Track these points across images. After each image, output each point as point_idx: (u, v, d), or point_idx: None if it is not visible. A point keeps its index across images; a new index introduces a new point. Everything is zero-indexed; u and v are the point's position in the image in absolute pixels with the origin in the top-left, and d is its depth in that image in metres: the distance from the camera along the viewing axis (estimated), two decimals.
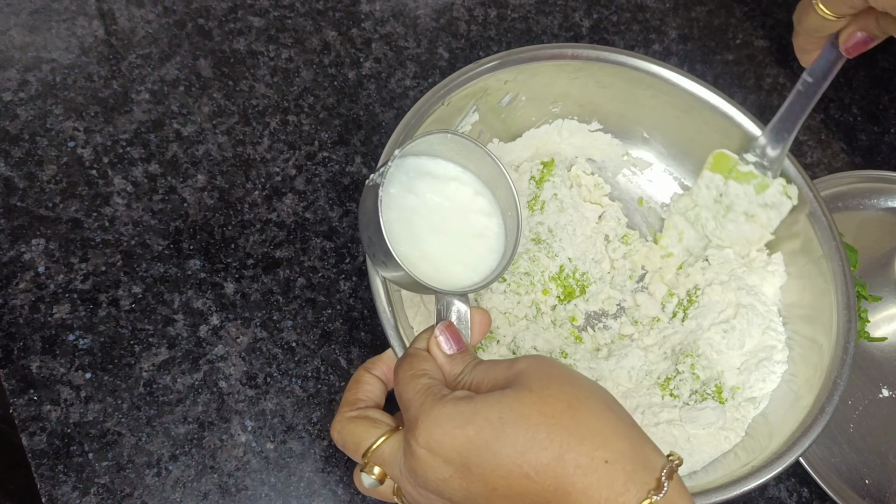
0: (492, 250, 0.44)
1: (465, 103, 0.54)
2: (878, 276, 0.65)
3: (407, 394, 0.35)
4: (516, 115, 0.58)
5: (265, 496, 0.49)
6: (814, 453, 0.57)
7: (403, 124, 0.49)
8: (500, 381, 0.35)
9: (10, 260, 0.53)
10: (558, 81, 0.57)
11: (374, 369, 0.42)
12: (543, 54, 0.55)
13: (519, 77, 0.55)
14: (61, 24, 0.62)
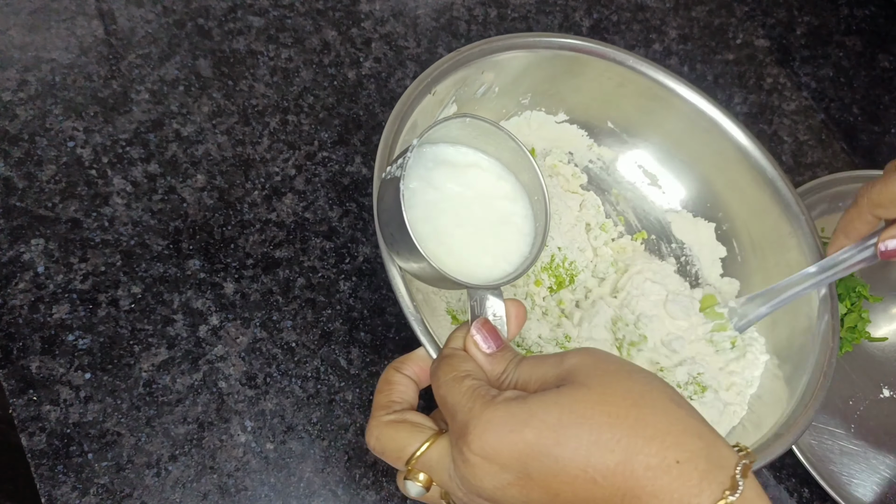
0: (522, 234, 0.42)
1: (448, 94, 0.53)
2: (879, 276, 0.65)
3: (452, 398, 0.33)
4: (489, 106, 0.58)
5: (265, 496, 0.49)
6: (815, 453, 0.57)
7: (395, 113, 0.48)
8: (550, 380, 0.32)
9: (9, 260, 0.53)
10: (529, 71, 0.57)
11: (404, 369, 0.39)
12: (520, 43, 0.54)
13: (496, 66, 0.55)
14: (61, 24, 0.62)
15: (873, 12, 0.83)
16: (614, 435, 0.29)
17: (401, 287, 0.42)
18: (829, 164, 0.72)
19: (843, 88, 0.76)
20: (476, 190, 0.42)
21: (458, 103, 0.55)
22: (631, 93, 0.59)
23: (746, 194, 0.58)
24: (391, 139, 0.47)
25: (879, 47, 0.81)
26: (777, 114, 0.73)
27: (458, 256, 0.40)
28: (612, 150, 0.63)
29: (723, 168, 0.59)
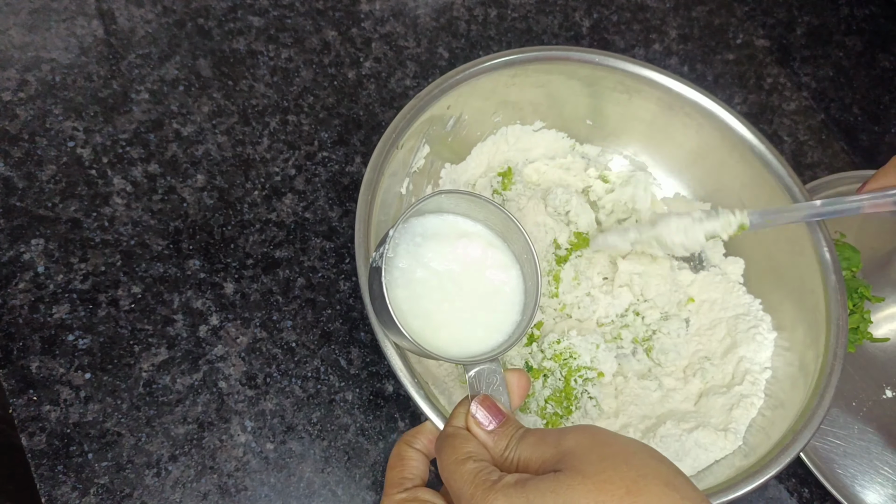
0: (513, 303, 0.42)
1: (417, 140, 0.54)
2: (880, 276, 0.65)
3: (455, 483, 0.34)
4: (462, 134, 0.59)
5: (265, 496, 0.49)
6: (817, 454, 0.57)
7: (367, 181, 0.48)
8: (548, 461, 0.33)
9: (9, 260, 0.52)
10: (497, 91, 0.57)
11: (415, 443, 0.40)
12: (481, 69, 0.55)
13: (460, 98, 0.55)
14: (61, 24, 0.62)
15: (873, 12, 0.83)
16: None
17: (398, 363, 0.43)
18: (829, 164, 0.72)
19: (843, 88, 0.76)
20: (465, 263, 0.43)
21: (430, 143, 0.55)
22: (603, 89, 0.59)
23: (737, 170, 0.58)
24: (367, 211, 0.47)
25: (879, 47, 0.81)
26: (777, 114, 0.73)
27: (449, 332, 0.41)
28: (595, 146, 0.63)
29: (709, 147, 0.59)
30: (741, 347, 0.55)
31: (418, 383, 0.42)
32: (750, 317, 0.57)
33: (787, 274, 0.56)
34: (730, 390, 0.54)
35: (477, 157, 0.60)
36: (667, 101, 0.59)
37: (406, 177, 0.55)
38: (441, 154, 0.58)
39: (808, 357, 0.51)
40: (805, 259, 0.54)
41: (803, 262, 0.54)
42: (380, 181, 0.49)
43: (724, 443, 0.51)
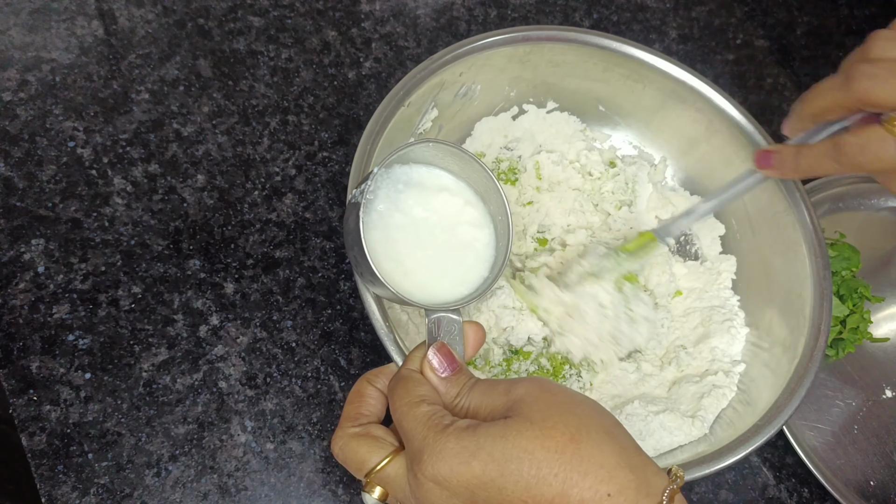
0: (480, 261, 0.44)
1: (424, 101, 0.54)
2: (880, 276, 0.65)
3: (407, 423, 0.35)
4: (473, 105, 0.58)
5: (265, 496, 0.49)
6: (817, 454, 0.57)
7: (368, 132, 0.49)
8: (498, 408, 0.35)
9: (9, 260, 0.53)
10: (511, 66, 0.57)
11: (376, 381, 0.41)
12: (495, 41, 0.54)
13: (473, 67, 0.55)
14: (61, 24, 0.62)
15: (873, 12, 0.83)
16: (552, 469, 0.32)
17: (372, 305, 0.44)
18: None
19: None
20: (442, 215, 0.44)
21: (439, 107, 0.55)
22: (617, 76, 0.59)
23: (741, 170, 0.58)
24: (363, 161, 0.48)
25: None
26: (777, 114, 0.73)
27: (416, 278, 0.42)
28: (604, 132, 0.63)
29: (716, 144, 0.59)
30: (714, 338, 0.56)
31: (390, 328, 0.44)
32: (725, 310, 0.57)
33: (777, 276, 0.56)
34: (703, 379, 0.54)
35: (482, 132, 0.60)
36: (678, 93, 0.58)
37: (412, 136, 0.55)
38: (451, 119, 0.58)
39: (785, 359, 0.51)
40: (797, 264, 0.54)
41: (796, 267, 0.54)
42: (381, 133, 0.49)
43: (689, 429, 0.51)
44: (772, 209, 0.56)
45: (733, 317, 0.57)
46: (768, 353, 0.54)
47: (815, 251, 0.53)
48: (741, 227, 0.60)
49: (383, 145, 0.49)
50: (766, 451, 0.58)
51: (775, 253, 0.56)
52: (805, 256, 0.53)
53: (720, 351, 0.55)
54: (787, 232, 0.55)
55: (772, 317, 0.55)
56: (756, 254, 0.58)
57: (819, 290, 0.51)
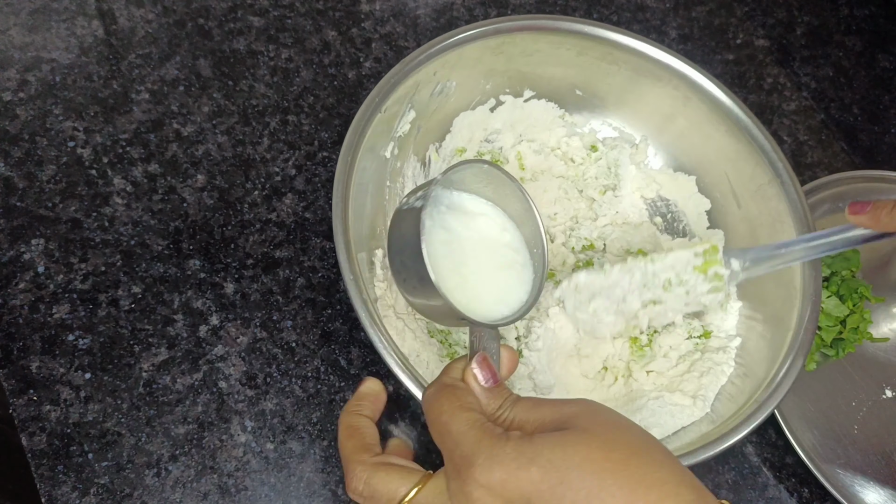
0: (521, 282, 0.44)
1: (401, 105, 0.54)
2: (880, 276, 0.65)
3: (457, 427, 0.33)
4: (449, 101, 0.58)
5: (265, 496, 0.49)
6: (817, 454, 0.57)
7: (347, 143, 0.49)
8: (548, 423, 0.34)
9: (9, 260, 0.53)
10: (484, 59, 0.57)
11: (362, 410, 0.40)
12: (466, 37, 0.54)
13: (446, 65, 0.55)
14: (61, 24, 0.62)
15: (873, 12, 0.83)
16: (616, 480, 0.30)
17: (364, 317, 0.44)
18: (829, 165, 0.72)
19: (843, 88, 0.76)
20: (483, 235, 0.44)
21: (416, 108, 0.55)
22: (592, 59, 0.59)
23: (721, 144, 0.59)
24: (346, 171, 0.48)
25: (879, 47, 0.81)
26: (777, 114, 0.73)
27: (461, 293, 0.41)
28: (583, 116, 0.63)
29: (695, 120, 0.59)
30: (707, 315, 0.56)
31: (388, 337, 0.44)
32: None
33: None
34: (702, 356, 0.54)
35: (460, 128, 0.60)
36: (652, 70, 0.58)
37: (391, 141, 0.55)
38: (428, 119, 0.58)
39: (780, 331, 0.51)
40: (784, 235, 0.54)
41: (783, 237, 0.54)
42: (360, 143, 0.49)
43: (692, 409, 0.51)
44: (755, 181, 0.56)
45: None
46: (762, 325, 0.54)
47: (800, 220, 0.53)
48: (726, 201, 0.60)
49: (364, 152, 0.49)
50: (766, 451, 0.58)
51: (762, 224, 0.56)
52: (791, 226, 0.53)
53: (715, 326, 0.55)
54: (772, 203, 0.55)
55: (763, 287, 0.55)
56: (743, 226, 0.58)
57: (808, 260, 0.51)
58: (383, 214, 0.56)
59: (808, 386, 0.60)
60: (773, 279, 0.54)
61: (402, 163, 0.57)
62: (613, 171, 0.62)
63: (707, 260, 0.51)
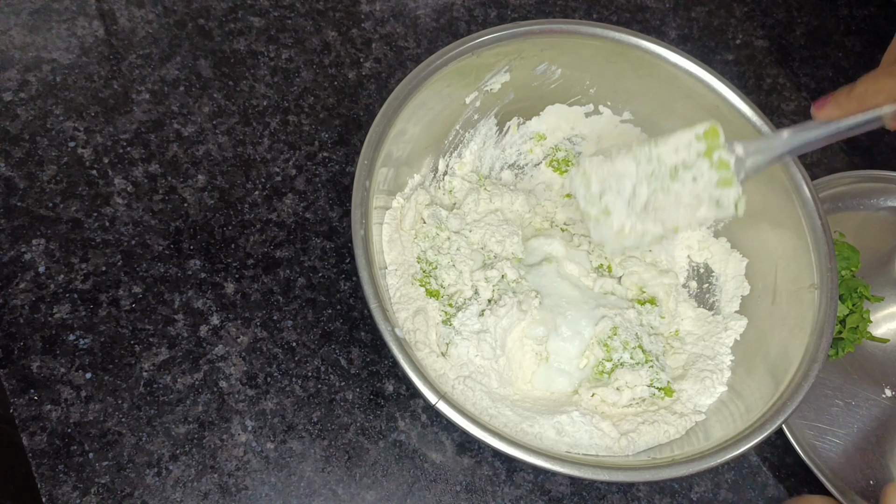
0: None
1: (497, 61, 0.54)
2: (880, 275, 0.65)
3: None
4: (549, 87, 0.59)
5: (265, 496, 0.49)
6: (817, 454, 0.57)
7: (422, 66, 0.50)
8: None
9: (10, 260, 0.53)
10: (596, 61, 0.57)
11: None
12: (585, 31, 0.55)
13: (557, 47, 0.55)
14: (61, 25, 0.62)
15: (873, 12, 0.83)
16: None
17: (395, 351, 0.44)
18: (829, 165, 0.72)
19: None
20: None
21: (513, 74, 0.56)
22: (695, 106, 0.57)
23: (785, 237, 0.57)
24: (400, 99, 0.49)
25: (879, 47, 0.81)
26: (777, 114, 0.73)
27: None
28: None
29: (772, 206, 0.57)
30: (686, 382, 0.54)
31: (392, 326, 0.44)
32: (713, 363, 0.56)
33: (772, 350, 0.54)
34: (657, 410, 0.53)
35: (550, 117, 0.61)
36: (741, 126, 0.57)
37: (477, 91, 0.56)
38: (524, 91, 0.58)
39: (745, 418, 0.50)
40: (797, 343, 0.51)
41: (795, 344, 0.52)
42: (441, 67, 0.51)
43: (613, 444, 0.50)
44: (798, 283, 0.54)
45: (718, 372, 0.54)
46: (733, 409, 0.52)
47: (818, 332, 0.50)
48: (764, 293, 0.57)
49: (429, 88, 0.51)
50: (766, 451, 0.58)
51: (784, 326, 0.53)
52: (806, 335, 0.51)
53: (686, 395, 0.53)
54: (803, 309, 0.52)
55: (755, 383, 0.53)
56: (768, 322, 0.56)
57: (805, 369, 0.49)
58: (438, 150, 0.58)
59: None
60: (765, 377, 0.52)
61: (481, 118, 0.59)
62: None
63: (709, 144, 0.48)
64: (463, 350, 0.51)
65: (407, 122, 0.52)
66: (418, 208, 0.56)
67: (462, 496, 0.51)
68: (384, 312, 0.44)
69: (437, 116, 0.56)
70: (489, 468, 0.53)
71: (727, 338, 0.56)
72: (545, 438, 0.49)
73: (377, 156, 0.48)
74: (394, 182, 0.54)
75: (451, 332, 0.52)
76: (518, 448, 0.42)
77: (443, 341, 0.52)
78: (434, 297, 0.53)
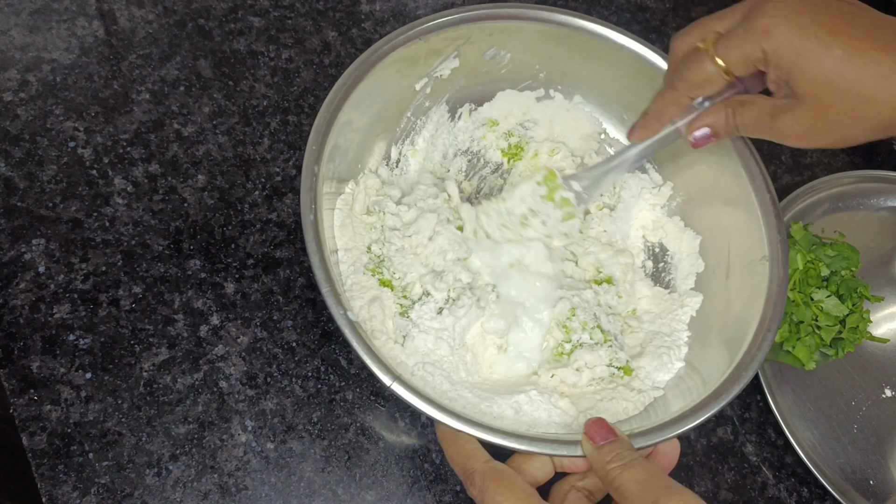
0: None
1: (445, 46, 0.54)
2: (879, 275, 0.65)
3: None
4: (500, 72, 0.59)
5: (265, 496, 0.49)
6: (817, 453, 0.57)
7: (369, 52, 0.50)
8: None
9: (10, 260, 0.53)
10: (544, 44, 0.57)
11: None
12: (529, 14, 0.55)
13: (505, 32, 0.55)
14: (62, 25, 0.62)
15: None
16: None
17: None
18: (829, 165, 0.72)
19: None
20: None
21: (462, 59, 0.56)
22: (644, 85, 0.57)
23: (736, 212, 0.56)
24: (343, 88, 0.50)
25: None
26: None
27: None
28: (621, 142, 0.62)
29: (722, 185, 0.57)
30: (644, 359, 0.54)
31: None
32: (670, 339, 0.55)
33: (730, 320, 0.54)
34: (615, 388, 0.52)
35: (502, 103, 0.61)
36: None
37: (427, 77, 0.56)
38: (473, 77, 0.58)
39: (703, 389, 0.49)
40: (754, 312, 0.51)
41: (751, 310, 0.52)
42: (385, 55, 0.51)
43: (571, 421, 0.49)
44: (749, 256, 0.54)
45: (675, 348, 0.54)
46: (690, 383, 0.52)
47: (773, 300, 0.50)
48: (717, 269, 0.57)
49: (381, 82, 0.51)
50: (766, 451, 0.58)
51: (738, 298, 0.54)
52: (760, 305, 0.50)
53: (644, 372, 0.53)
54: (755, 280, 0.52)
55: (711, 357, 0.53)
56: (722, 297, 0.56)
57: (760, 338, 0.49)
58: (390, 138, 0.58)
59: (807, 385, 0.60)
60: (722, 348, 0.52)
61: (432, 105, 0.59)
62: (617, 193, 0.61)
63: (550, 187, 0.54)
64: (420, 343, 0.50)
65: (355, 110, 0.52)
66: (368, 192, 0.55)
67: (462, 496, 0.52)
68: (337, 297, 0.43)
69: (388, 103, 0.55)
70: None
71: (683, 314, 0.57)
72: (504, 419, 0.48)
73: (326, 141, 0.49)
74: (346, 170, 0.54)
75: (409, 324, 0.51)
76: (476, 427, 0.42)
77: (400, 333, 0.51)
78: (388, 286, 0.52)
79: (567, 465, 0.43)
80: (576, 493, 0.41)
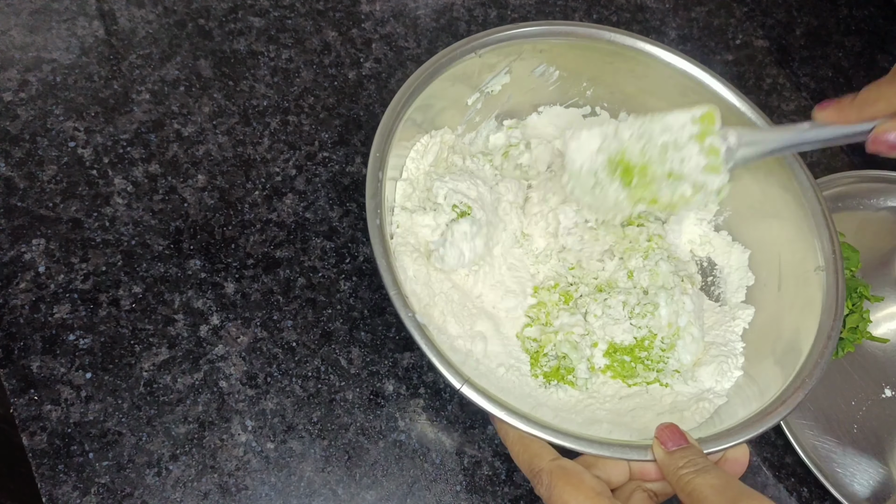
0: None
1: (498, 61, 0.55)
2: (879, 275, 0.65)
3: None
4: (547, 89, 0.59)
5: (265, 496, 0.49)
6: (817, 453, 0.57)
7: (425, 66, 0.51)
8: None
9: (10, 260, 0.53)
10: (592, 62, 0.57)
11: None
12: (579, 32, 0.55)
13: (554, 49, 0.55)
14: (62, 25, 0.62)
15: (873, 12, 0.83)
16: None
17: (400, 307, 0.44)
18: (829, 165, 0.72)
19: (843, 88, 0.77)
20: None
21: (513, 75, 0.57)
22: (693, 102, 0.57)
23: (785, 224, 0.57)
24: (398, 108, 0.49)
25: (879, 47, 0.81)
26: (776, 114, 0.74)
27: None
28: None
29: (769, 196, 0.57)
30: (703, 368, 0.54)
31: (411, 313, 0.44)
32: (726, 349, 0.55)
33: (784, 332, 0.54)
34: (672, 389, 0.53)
35: (549, 118, 0.61)
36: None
37: (478, 91, 0.56)
38: (521, 93, 0.59)
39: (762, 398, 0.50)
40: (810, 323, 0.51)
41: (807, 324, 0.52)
42: (442, 70, 0.51)
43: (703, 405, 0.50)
44: (803, 266, 0.54)
45: (733, 357, 0.55)
46: (748, 392, 0.52)
47: (829, 310, 0.50)
48: (769, 281, 0.57)
49: (436, 95, 0.51)
50: (766, 451, 0.58)
51: (792, 307, 0.54)
52: (817, 316, 0.50)
53: (705, 381, 0.53)
54: (810, 290, 0.52)
55: (767, 366, 0.53)
56: (774, 307, 0.56)
57: (821, 346, 0.49)
58: (446, 149, 0.58)
59: None
60: (779, 360, 0.52)
61: (482, 119, 0.59)
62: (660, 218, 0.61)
63: (703, 128, 0.48)
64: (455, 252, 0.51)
65: (415, 115, 0.52)
66: (443, 145, 0.56)
67: (462, 496, 0.52)
68: (403, 299, 0.44)
69: (440, 115, 0.56)
70: (489, 468, 0.53)
71: (736, 327, 0.57)
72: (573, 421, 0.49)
73: (388, 147, 0.49)
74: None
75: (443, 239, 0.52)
76: (545, 430, 0.41)
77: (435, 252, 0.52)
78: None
79: (635, 469, 0.43)
80: (641, 493, 0.41)
